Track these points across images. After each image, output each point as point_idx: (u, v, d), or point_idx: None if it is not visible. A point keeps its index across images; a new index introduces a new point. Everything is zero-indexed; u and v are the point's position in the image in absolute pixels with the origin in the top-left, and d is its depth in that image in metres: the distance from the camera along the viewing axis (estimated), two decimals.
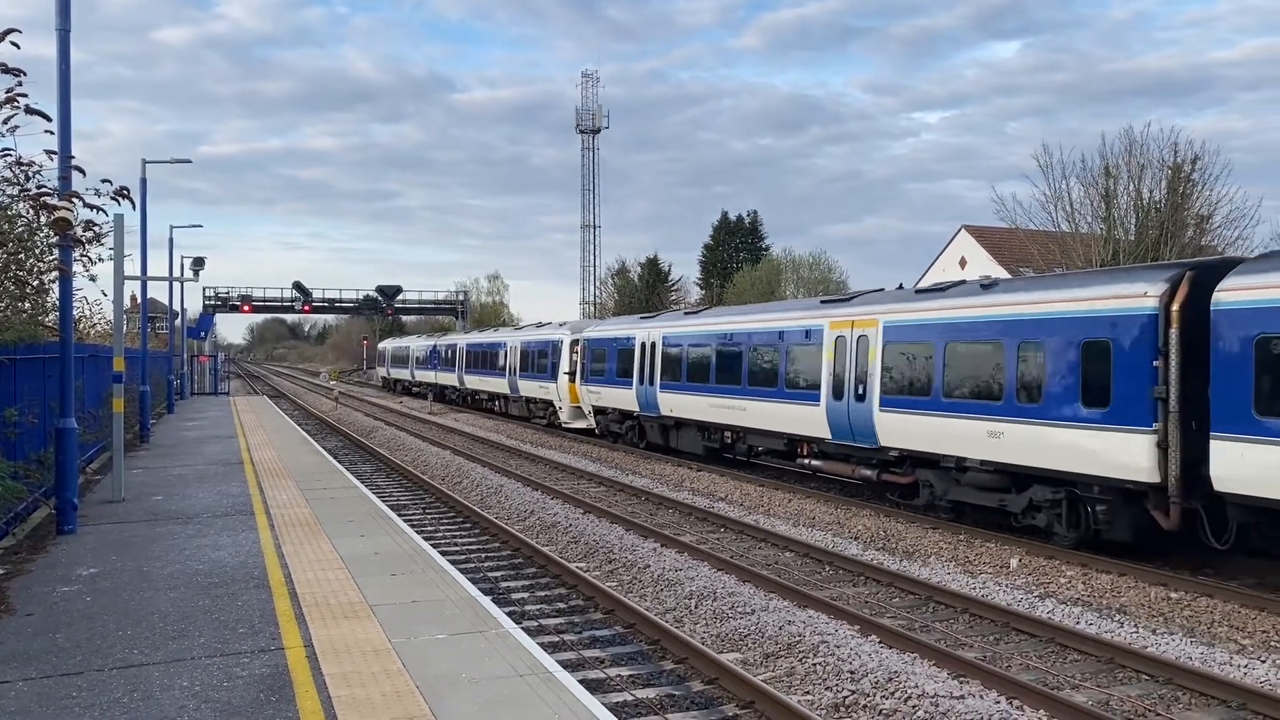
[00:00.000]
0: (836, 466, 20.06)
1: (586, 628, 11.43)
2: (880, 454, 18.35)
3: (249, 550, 12.12)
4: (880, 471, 18.58)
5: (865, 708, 8.78)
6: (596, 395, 31.98)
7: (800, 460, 21.52)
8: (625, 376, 29.49)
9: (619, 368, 30.02)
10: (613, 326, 32.84)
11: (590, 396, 32.53)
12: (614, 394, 30.52)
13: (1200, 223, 35.89)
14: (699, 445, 25.80)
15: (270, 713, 6.81)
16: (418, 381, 63.47)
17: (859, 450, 18.91)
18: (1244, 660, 10.13)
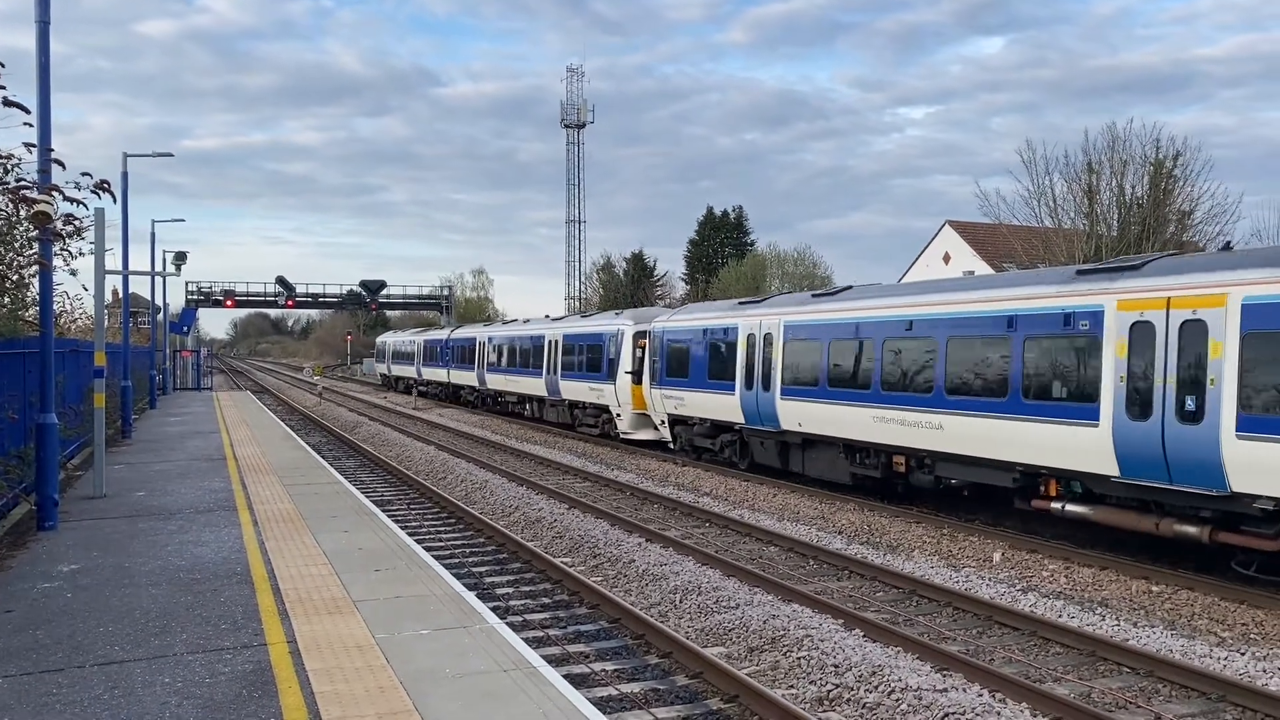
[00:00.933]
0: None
1: (571, 623, 11.43)
2: None
3: (232, 546, 12.06)
4: None
5: (849, 701, 8.82)
6: (676, 401, 25.57)
7: (1044, 503, 14.90)
8: (722, 378, 23.22)
9: (713, 366, 23.80)
10: (701, 314, 25.71)
11: (666, 403, 26.08)
12: (704, 400, 24.13)
13: (1182, 218, 36.11)
14: (843, 471, 19.40)
15: (253, 708, 6.78)
16: (425, 380, 56.49)
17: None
18: (1224, 652, 10.21)
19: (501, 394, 42.36)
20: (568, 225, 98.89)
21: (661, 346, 26.45)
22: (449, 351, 50.42)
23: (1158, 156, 35.49)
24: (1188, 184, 35.66)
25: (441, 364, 51.89)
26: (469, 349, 46.61)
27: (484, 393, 45.07)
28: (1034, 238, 38.57)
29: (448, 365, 50.51)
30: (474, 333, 46.89)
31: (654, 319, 27.89)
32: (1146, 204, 35.51)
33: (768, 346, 21.71)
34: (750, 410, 22.22)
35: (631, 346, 28.95)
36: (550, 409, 36.32)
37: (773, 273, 68.01)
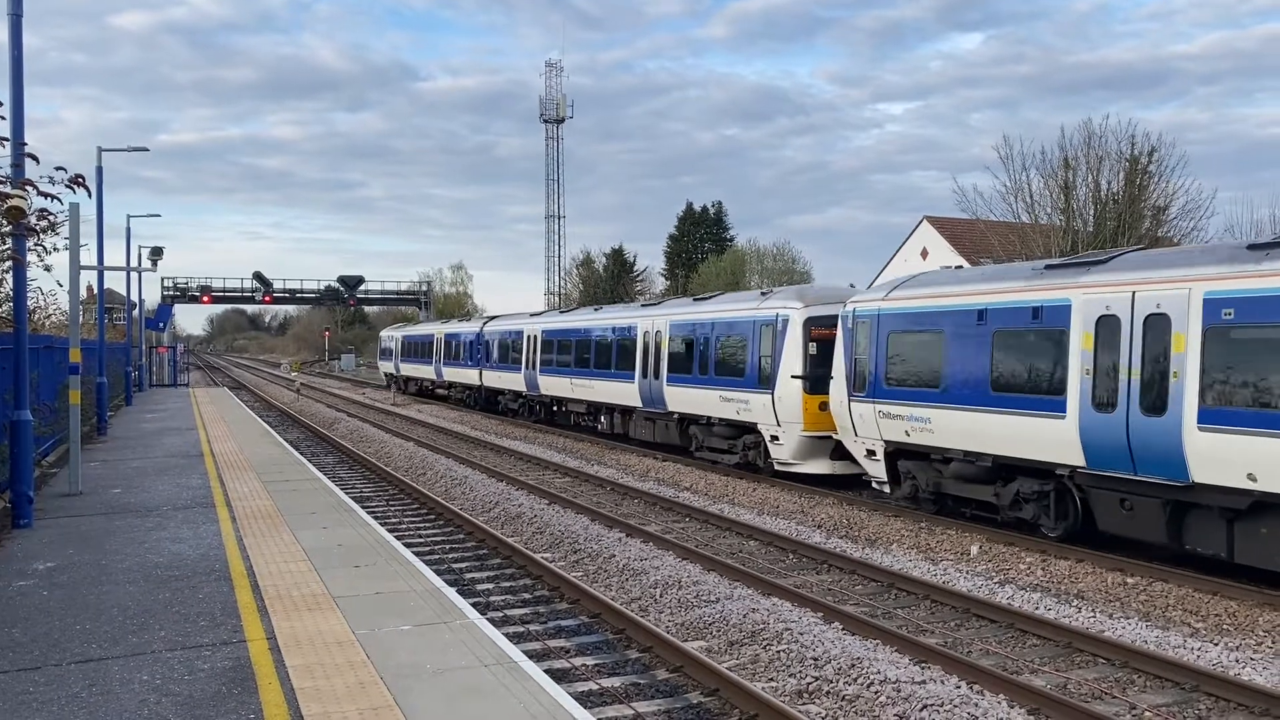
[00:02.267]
0: None
1: (552, 618, 11.44)
2: None
3: (210, 543, 12.00)
4: None
5: (828, 694, 8.87)
6: (908, 423, 16.59)
7: None
8: (1029, 390, 14.47)
9: (1004, 370, 14.95)
10: (970, 286, 15.97)
11: (885, 425, 17.17)
12: (980, 424, 15.21)
13: (1157, 214, 36.49)
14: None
15: (233, 705, 6.76)
16: (447, 382, 47.42)
17: None
18: (1197, 643, 10.34)
19: (561, 402, 33.10)
20: (547, 221, 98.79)
21: (877, 338, 17.40)
22: (482, 347, 40.99)
23: (1133, 153, 35.86)
24: (1162, 180, 36.06)
25: (470, 363, 42.69)
26: (512, 344, 37.27)
27: (534, 400, 35.74)
28: (1011, 233, 38.84)
29: (480, 364, 41.28)
30: (518, 324, 37.36)
31: (848, 299, 19.06)
32: (1122, 200, 35.85)
33: (1164, 335, 12.57)
34: (1108, 445, 13.23)
35: (802, 340, 20.08)
36: (643, 424, 26.86)
37: (752, 268, 68.21)
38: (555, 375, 32.95)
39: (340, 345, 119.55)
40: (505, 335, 38.34)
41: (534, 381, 34.94)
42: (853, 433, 18.22)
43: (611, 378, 28.35)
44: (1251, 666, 9.61)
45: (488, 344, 40.37)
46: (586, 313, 33.59)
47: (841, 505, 18.29)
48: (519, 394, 37.04)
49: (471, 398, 43.60)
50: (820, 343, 19.95)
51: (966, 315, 15.55)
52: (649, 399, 26.11)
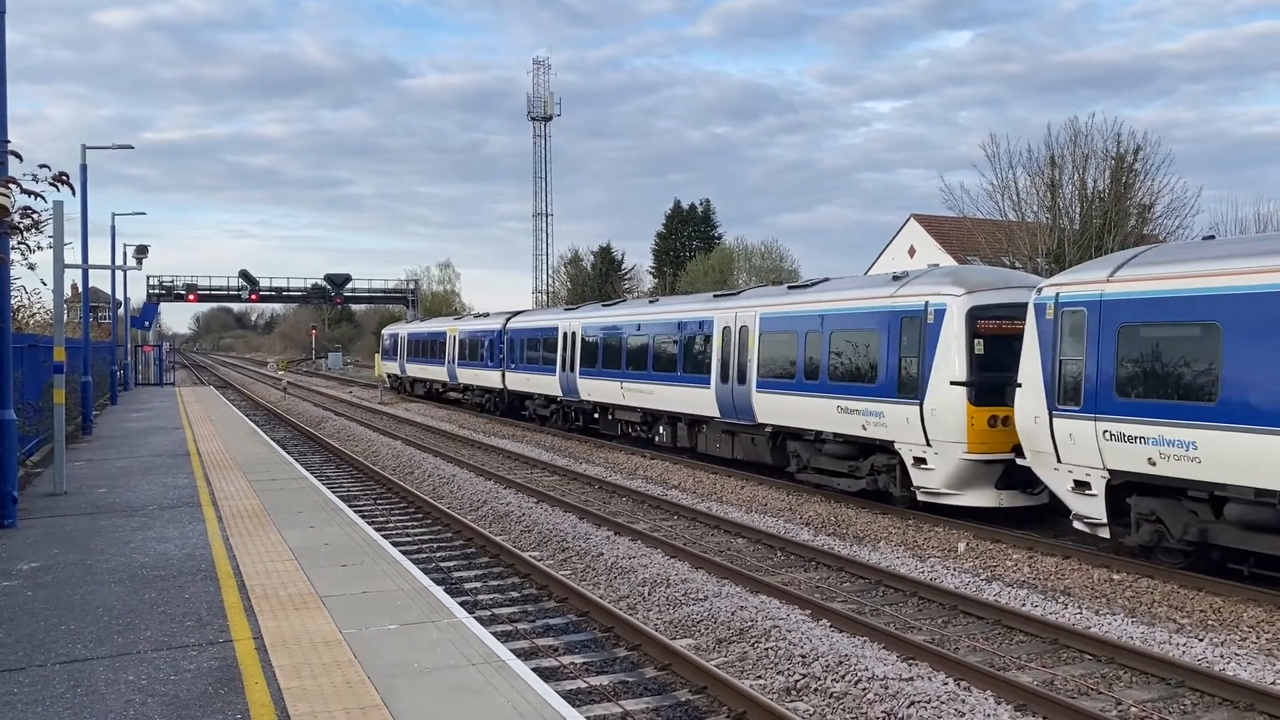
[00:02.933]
0: None
1: (540, 616, 11.42)
2: None
3: (196, 542, 11.94)
4: None
5: (816, 691, 8.89)
6: (1150, 449, 12.52)
7: None
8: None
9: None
10: (1254, 258, 11.80)
11: (1109, 449, 13.06)
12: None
13: (1143, 212, 36.66)
14: None
15: (219, 705, 6.72)
16: (463, 385, 42.51)
17: None
18: (1182, 639, 10.39)
19: (607, 409, 28.62)
20: (535, 219, 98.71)
21: (1099, 333, 13.28)
22: (505, 346, 36.37)
23: (1119, 151, 36.02)
24: (1148, 178, 36.23)
25: (491, 363, 37.95)
26: (544, 343, 32.68)
27: (571, 406, 31.10)
28: (997, 231, 38.97)
29: (502, 365, 36.66)
30: (551, 320, 33.20)
31: (1041, 283, 14.92)
32: (1108, 198, 36.00)
33: None
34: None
35: (965, 335, 15.98)
36: (719, 438, 22.54)
37: (740, 266, 68.28)
38: (601, 378, 28.27)
39: (327, 344, 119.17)
40: (535, 333, 33.84)
41: (572, 385, 30.18)
42: (1054, 458, 13.86)
43: (677, 382, 23.86)
44: (1236, 662, 9.67)
45: (512, 342, 35.82)
46: (638, 306, 29.37)
47: (829, 503, 18.32)
48: (552, 399, 32.45)
49: (491, 402, 38.88)
50: (989, 339, 15.93)
51: (1269, 300, 11.31)
52: (730, 408, 21.63)
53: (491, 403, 39.12)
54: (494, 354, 37.59)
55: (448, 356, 43.75)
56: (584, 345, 29.61)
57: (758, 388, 20.61)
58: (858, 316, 18.21)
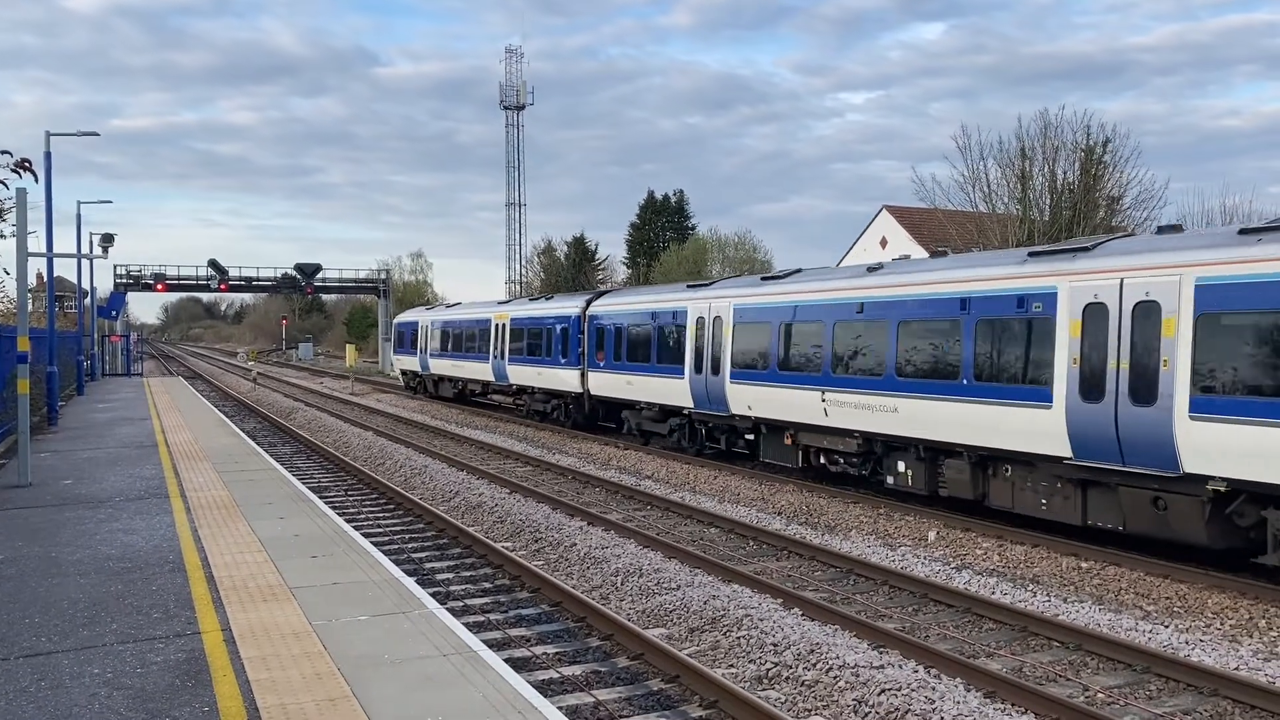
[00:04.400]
0: None
1: (513, 607, 11.40)
2: None
3: (164, 534, 11.81)
4: None
5: (788, 679, 8.92)
6: None
7: None
8: None
9: None
10: None
11: None
12: None
13: (1111, 203, 36.95)
14: None
15: (186, 698, 6.65)
16: (513, 385, 33.42)
17: None
18: (1149, 625, 10.52)
19: (795, 429, 19.07)
20: (508, 209, 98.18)
21: None
22: (592, 335, 27.48)
23: (1088, 143, 36.26)
24: (1117, 170, 36.52)
25: (563, 359, 29.06)
26: (663, 334, 23.82)
27: (718, 422, 21.90)
28: (969, 222, 39.18)
29: (582, 362, 27.93)
30: (676, 300, 23.63)
31: None
32: (1077, 189, 36.27)
33: None
34: None
35: None
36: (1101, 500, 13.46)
37: (713, 257, 68.35)
38: (783, 384, 18.88)
39: (298, 334, 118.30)
40: (644, 319, 24.87)
41: (719, 392, 21.08)
42: None
43: (991, 397, 14.52)
44: (1200, 648, 9.80)
45: (602, 331, 26.85)
46: (845, 276, 18.66)
47: (801, 492, 18.39)
48: (677, 410, 23.21)
49: (560, 410, 30.36)
50: None
51: None
52: (1089, 444, 13.03)
53: (560, 410, 30.24)
54: (567, 348, 28.75)
55: (493, 349, 34.64)
56: (737, 335, 20.63)
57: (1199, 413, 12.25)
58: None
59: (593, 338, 27.36)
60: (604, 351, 26.69)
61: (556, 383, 29.75)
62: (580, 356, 27.95)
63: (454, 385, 40.54)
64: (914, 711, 7.98)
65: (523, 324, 32.62)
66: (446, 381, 41.31)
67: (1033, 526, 14.56)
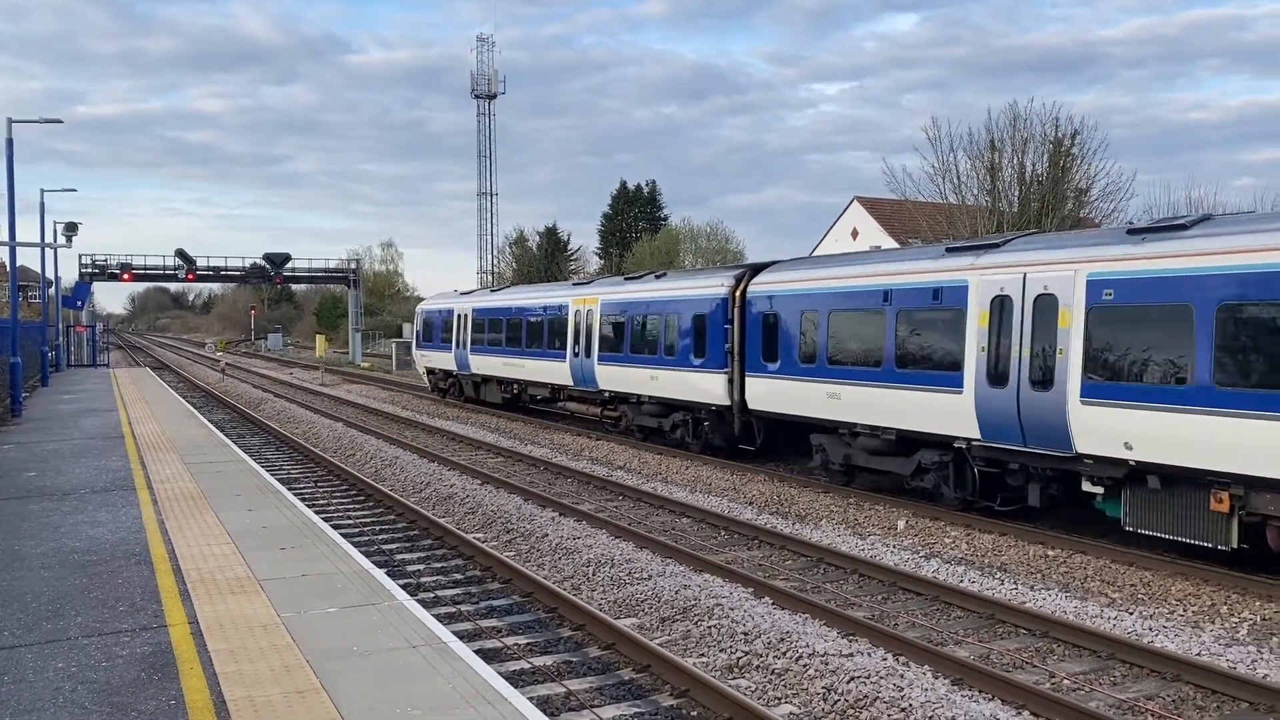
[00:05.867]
0: None
1: (483, 598, 11.38)
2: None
3: (130, 526, 11.68)
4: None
5: (759, 668, 8.97)
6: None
7: None
8: None
9: None
10: None
11: None
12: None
13: (1079, 195, 37.32)
14: None
15: (152, 691, 6.59)
16: (603, 392, 25.61)
17: None
18: (1114, 612, 10.66)
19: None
20: (480, 198, 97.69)
21: None
22: (758, 329, 19.60)
23: (1057, 135, 36.58)
24: (1085, 162, 36.88)
25: (698, 360, 21.31)
26: (920, 322, 15.70)
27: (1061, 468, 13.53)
28: (939, 214, 39.42)
29: (729, 362, 20.41)
30: (938, 270, 15.43)
31: None
32: (1046, 181, 36.58)
33: None
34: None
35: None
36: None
37: (686, 247, 68.41)
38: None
39: (267, 324, 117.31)
40: (857, 298, 16.90)
41: (1061, 425, 13.08)
42: None
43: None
44: (1164, 634, 9.94)
45: (773, 322, 18.95)
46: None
47: (773, 482, 18.47)
48: (948, 442, 15.09)
49: (684, 428, 22.39)
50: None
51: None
52: None
53: (687, 428, 22.33)
54: (704, 341, 21.05)
55: (573, 344, 26.71)
56: (1094, 320, 12.82)
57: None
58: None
59: (755, 329, 19.61)
60: (777, 348, 18.78)
61: (684, 390, 21.76)
62: (727, 355, 20.33)
63: (505, 388, 31.93)
64: (883, 699, 8.05)
65: (623, 311, 24.67)
66: (493, 383, 32.72)
67: (993, 515, 14.74)
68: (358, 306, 74.90)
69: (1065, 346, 13.11)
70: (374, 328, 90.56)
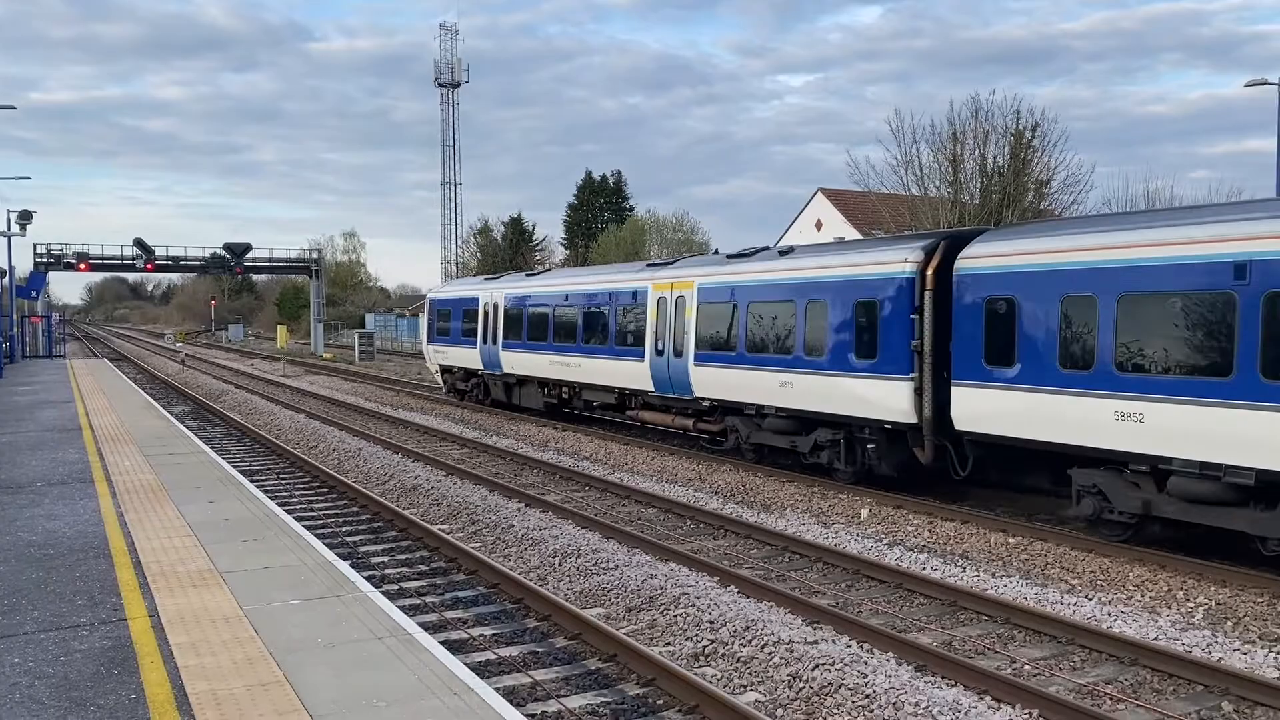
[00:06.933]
0: None
1: (449, 589, 11.33)
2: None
3: (88, 519, 11.50)
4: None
5: (724, 656, 9.01)
6: None
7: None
8: None
9: None
10: None
11: None
12: None
13: (1039, 187, 37.70)
14: None
15: (112, 686, 6.50)
16: (710, 402, 19.79)
17: None
18: (1073, 599, 10.82)
19: None
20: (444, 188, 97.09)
21: None
22: (985, 313, 13.89)
23: (1018, 127, 36.92)
24: (1045, 154, 37.27)
25: (856, 361, 16.05)
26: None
27: None
28: (901, 205, 39.69)
29: (908, 367, 15.09)
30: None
31: None
32: (1007, 173, 36.94)
33: None
34: None
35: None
36: None
37: (651, 238, 68.39)
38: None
39: (227, 315, 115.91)
40: (1177, 274, 11.63)
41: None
42: None
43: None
44: (1122, 620, 10.10)
45: (1007, 313, 13.63)
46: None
47: (738, 471, 18.54)
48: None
49: (834, 450, 16.94)
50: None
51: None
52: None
53: (838, 451, 16.79)
54: (877, 337, 15.71)
55: (654, 339, 21.40)
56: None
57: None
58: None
59: (969, 321, 14.23)
60: (1015, 348, 13.56)
61: (835, 401, 16.42)
62: (914, 357, 15.00)
63: (550, 392, 26.79)
64: (847, 685, 8.11)
65: (732, 297, 19.09)
66: (532, 386, 27.52)
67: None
68: (320, 297, 74.17)
69: None
70: (336, 318, 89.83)
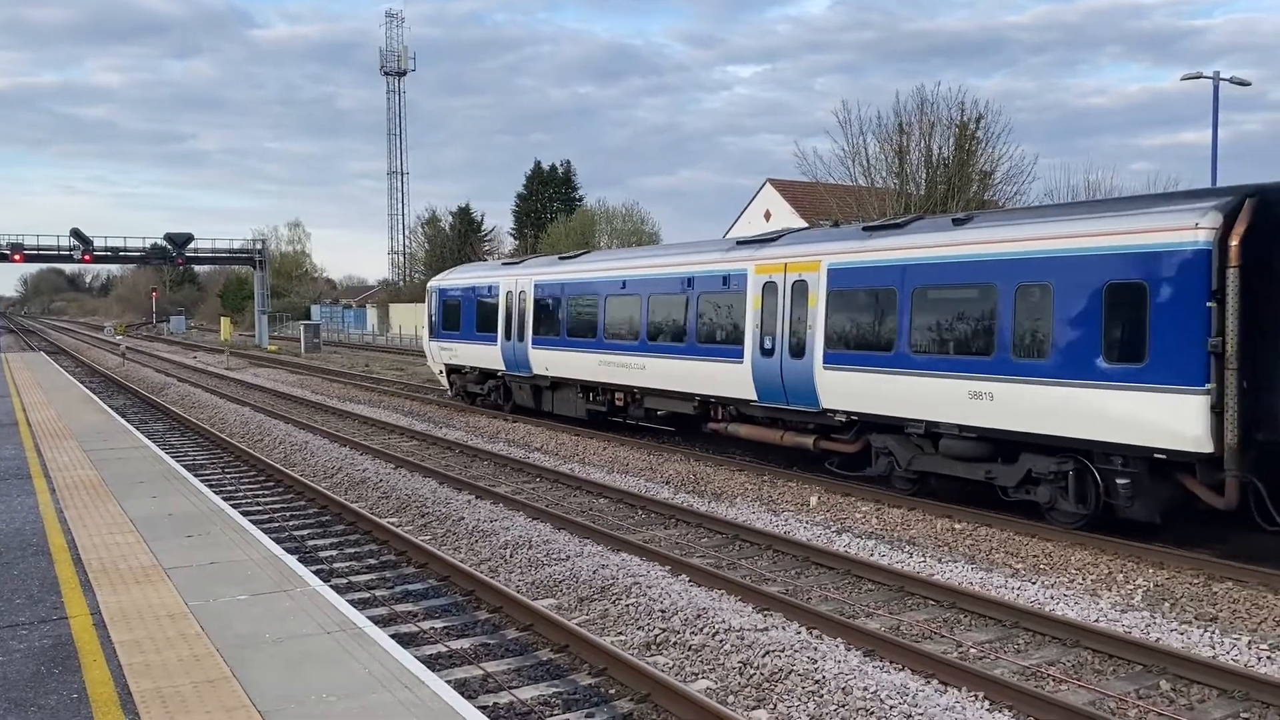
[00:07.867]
0: None
1: (399, 583, 11.25)
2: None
3: (25, 516, 11.24)
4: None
5: (676, 644, 9.06)
6: None
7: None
8: None
9: None
10: None
11: None
12: None
13: (984, 178, 38.30)
14: None
15: (53, 685, 6.37)
16: (847, 416, 15.24)
17: None
18: (1017, 583, 11.03)
19: None
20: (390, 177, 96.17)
21: None
22: None
23: (962, 119, 37.46)
24: (989, 145, 37.85)
25: (1123, 363, 11.49)
26: None
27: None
28: (848, 196, 40.05)
29: (1200, 375, 10.73)
30: None
31: None
32: (952, 164, 37.45)
33: None
34: None
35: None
36: None
37: (601, 229, 68.29)
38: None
39: (169, 307, 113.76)
40: None
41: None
42: None
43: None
44: (1064, 602, 10.33)
45: None
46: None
47: (689, 461, 18.62)
48: None
49: (1052, 486, 12.64)
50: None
51: None
52: None
53: (1062, 483, 12.55)
54: (1140, 332, 11.43)
55: (754, 338, 17.19)
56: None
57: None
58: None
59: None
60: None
61: (1078, 422, 12.05)
62: (1210, 361, 10.84)
63: (596, 398, 22.34)
64: (797, 671, 8.20)
65: (885, 279, 14.71)
66: (572, 390, 23.06)
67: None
68: (264, 288, 73.01)
69: None
70: (281, 310, 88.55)
